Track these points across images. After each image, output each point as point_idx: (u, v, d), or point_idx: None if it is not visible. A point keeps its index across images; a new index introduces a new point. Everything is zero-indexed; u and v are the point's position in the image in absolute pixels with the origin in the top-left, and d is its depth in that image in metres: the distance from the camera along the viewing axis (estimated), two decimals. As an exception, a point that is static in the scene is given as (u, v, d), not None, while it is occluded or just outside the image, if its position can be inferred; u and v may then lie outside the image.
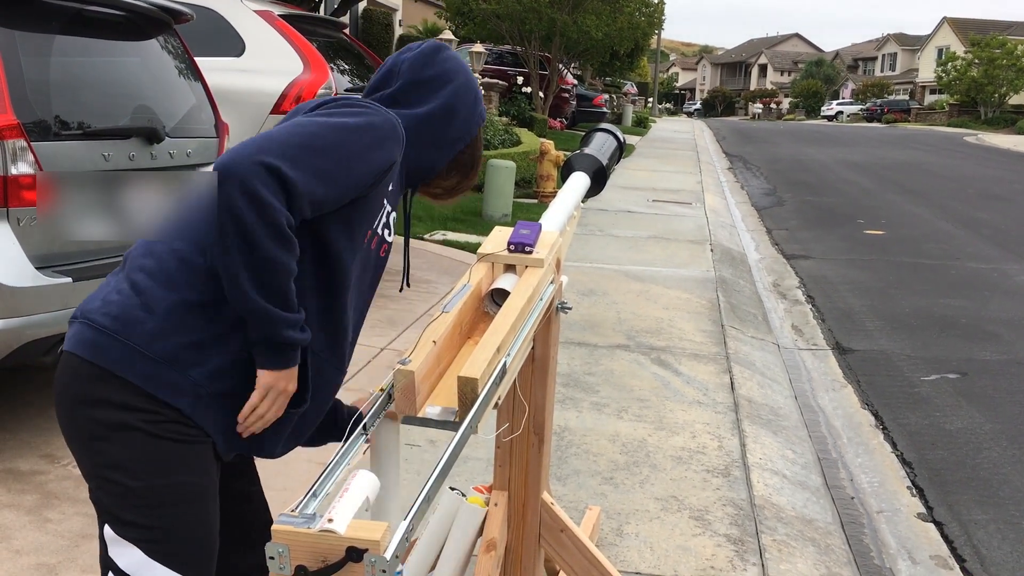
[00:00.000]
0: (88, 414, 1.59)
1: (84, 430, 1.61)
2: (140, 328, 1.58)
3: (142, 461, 1.59)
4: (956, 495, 4.00)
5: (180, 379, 1.58)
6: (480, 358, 1.69)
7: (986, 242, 10.61)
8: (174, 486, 1.61)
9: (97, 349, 1.58)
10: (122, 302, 1.61)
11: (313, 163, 1.57)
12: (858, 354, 6.01)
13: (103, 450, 1.59)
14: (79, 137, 3.51)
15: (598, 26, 20.81)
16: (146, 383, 1.57)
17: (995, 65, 50.12)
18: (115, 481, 1.59)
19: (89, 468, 1.63)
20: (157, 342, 1.58)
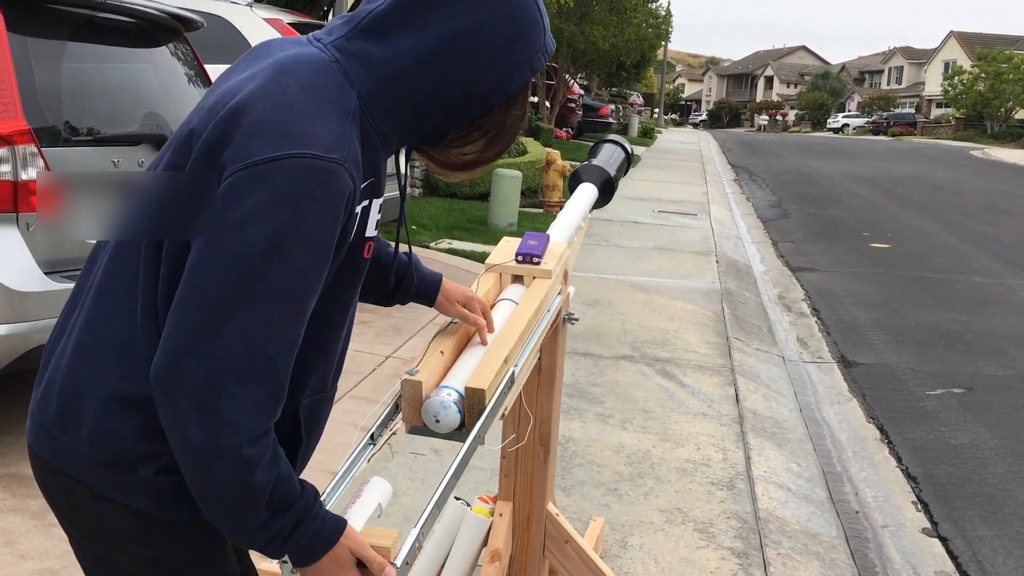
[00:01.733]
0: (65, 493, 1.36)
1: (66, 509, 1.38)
2: (78, 429, 1.30)
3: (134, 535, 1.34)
4: (961, 510, 3.98)
5: (131, 479, 1.30)
6: (488, 369, 1.70)
7: (992, 257, 10.59)
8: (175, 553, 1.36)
9: (46, 446, 1.34)
10: (60, 393, 1.32)
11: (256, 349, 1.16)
12: (863, 367, 6.00)
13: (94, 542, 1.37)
14: (89, 143, 3.53)
15: (605, 37, 20.88)
16: (101, 487, 1.30)
17: (1002, 79, 50.13)
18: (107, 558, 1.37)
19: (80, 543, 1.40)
20: (97, 444, 1.29)
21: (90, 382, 1.29)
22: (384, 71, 1.27)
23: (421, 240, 8.45)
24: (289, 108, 1.20)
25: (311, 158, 1.16)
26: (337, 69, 1.28)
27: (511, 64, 1.30)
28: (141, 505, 1.30)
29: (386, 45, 1.27)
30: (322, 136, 1.19)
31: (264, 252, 1.14)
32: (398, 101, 1.29)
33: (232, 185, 1.16)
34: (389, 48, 1.27)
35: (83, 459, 1.30)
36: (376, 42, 1.28)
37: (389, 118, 1.30)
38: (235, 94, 1.25)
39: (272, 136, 1.17)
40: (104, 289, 1.31)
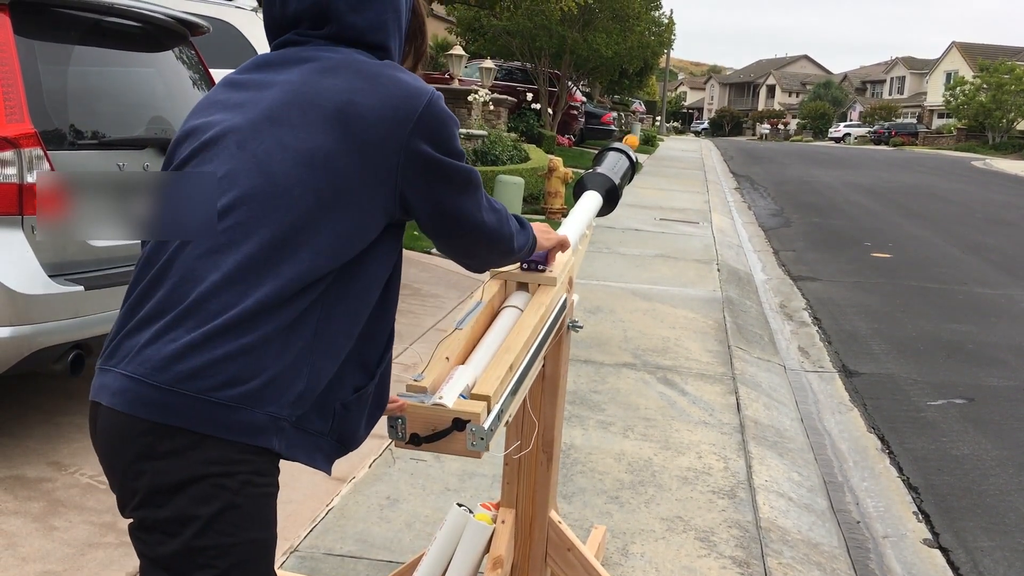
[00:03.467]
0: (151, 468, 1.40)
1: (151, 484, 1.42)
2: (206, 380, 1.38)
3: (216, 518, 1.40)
4: (962, 521, 3.98)
5: (259, 417, 1.39)
6: (493, 376, 1.70)
7: (993, 267, 10.60)
8: (246, 543, 1.43)
9: (154, 409, 1.38)
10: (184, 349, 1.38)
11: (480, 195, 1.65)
12: (864, 377, 6.00)
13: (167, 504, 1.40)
14: (94, 147, 3.54)
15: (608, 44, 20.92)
16: (225, 433, 1.38)
17: (1003, 90, 50.19)
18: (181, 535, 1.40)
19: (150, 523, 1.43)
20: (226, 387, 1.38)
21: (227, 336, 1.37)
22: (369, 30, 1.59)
23: (423, 246, 8.45)
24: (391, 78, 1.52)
25: (434, 95, 1.53)
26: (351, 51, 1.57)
27: None
28: (266, 443, 1.40)
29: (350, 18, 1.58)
30: (416, 80, 1.55)
31: (461, 160, 1.55)
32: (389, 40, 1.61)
33: (426, 137, 1.50)
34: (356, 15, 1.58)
35: (210, 408, 1.36)
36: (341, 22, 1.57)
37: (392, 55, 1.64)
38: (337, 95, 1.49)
39: (411, 98, 1.50)
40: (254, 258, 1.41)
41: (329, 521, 3.19)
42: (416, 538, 3.09)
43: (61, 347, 3.32)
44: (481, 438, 1.60)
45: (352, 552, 2.99)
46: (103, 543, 2.92)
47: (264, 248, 1.41)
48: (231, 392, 1.37)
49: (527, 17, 19.72)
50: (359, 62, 1.53)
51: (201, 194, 1.44)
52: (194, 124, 1.54)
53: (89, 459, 3.49)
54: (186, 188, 1.46)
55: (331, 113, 1.46)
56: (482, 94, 13.62)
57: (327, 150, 1.44)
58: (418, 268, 7.56)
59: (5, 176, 3.18)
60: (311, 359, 1.44)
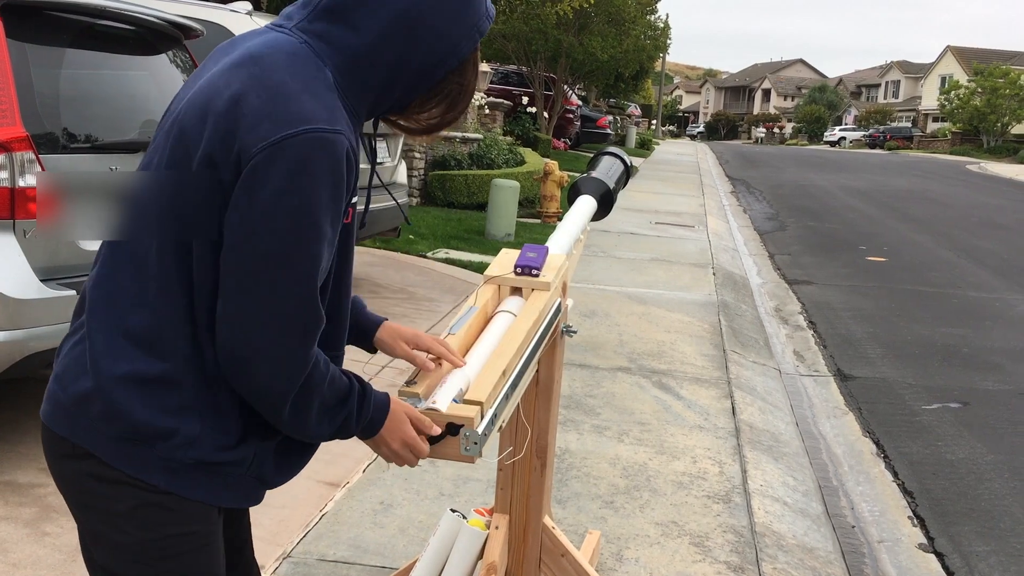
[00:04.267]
0: (73, 475, 1.44)
1: (74, 490, 1.46)
2: (94, 405, 1.39)
3: (138, 517, 1.42)
4: (957, 526, 3.98)
5: (148, 454, 1.38)
6: (486, 381, 1.69)
7: (988, 271, 10.61)
8: (173, 538, 1.43)
9: (62, 424, 1.42)
10: (78, 371, 1.41)
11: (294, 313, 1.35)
12: (859, 381, 6.00)
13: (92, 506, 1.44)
14: (87, 150, 3.53)
15: (604, 48, 20.94)
16: (115, 462, 1.39)
17: (998, 94, 50.33)
18: (107, 538, 1.44)
19: (83, 523, 1.48)
20: (114, 419, 1.38)
21: (108, 360, 1.38)
22: (351, 49, 1.39)
23: (418, 250, 8.45)
24: (280, 90, 1.32)
25: (317, 132, 1.30)
26: (308, 50, 1.39)
27: (462, 31, 1.43)
28: (156, 481, 1.39)
29: (348, 24, 1.39)
30: (318, 111, 1.32)
31: (293, 220, 1.30)
32: (366, 76, 1.41)
33: (253, 168, 1.30)
34: (351, 27, 1.38)
35: (100, 435, 1.38)
36: (337, 22, 1.39)
37: (358, 92, 1.42)
38: (220, 90, 1.35)
39: (275, 119, 1.30)
40: (111, 278, 1.41)
41: (322, 526, 3.18)
42: (410, 544, 3.08)
43: (53, 351, 3.30)
44: (475, 443, 1.58)
45: (345, 558, 2.98)
46: (95, 549, 2.90)
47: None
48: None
49: (523, 21, 19.73)
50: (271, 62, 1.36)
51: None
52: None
53: (81, 464, 3.47)
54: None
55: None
56: (478, 98, 13.63)
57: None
58: (414, 272, 7.55)
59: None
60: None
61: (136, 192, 1.41)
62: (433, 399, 1.61)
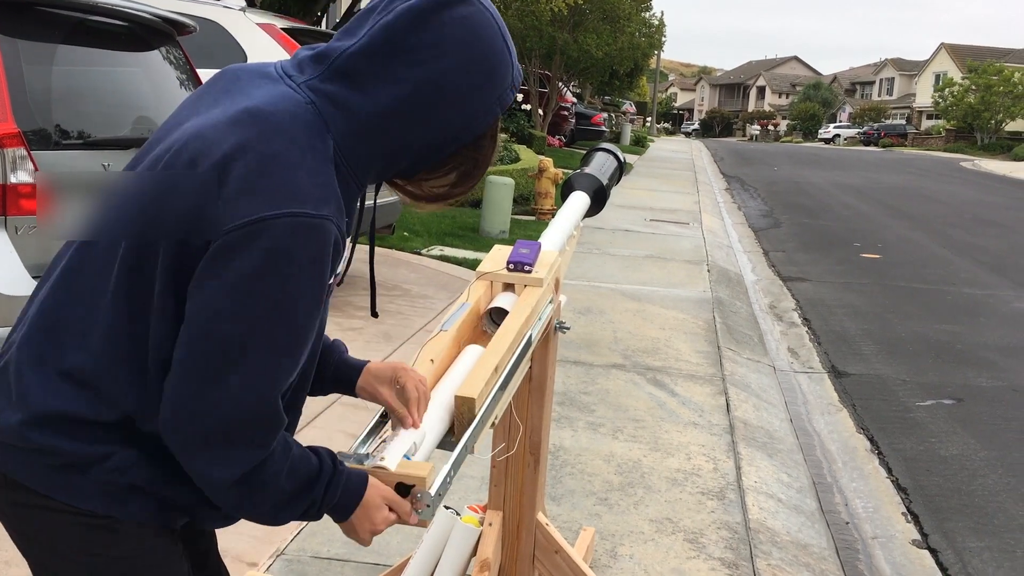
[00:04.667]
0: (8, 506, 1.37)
1: (11, 521, 1.39)
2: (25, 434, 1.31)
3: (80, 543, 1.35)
4: (951, 522, 3.98)
5: (81, 481, 1.30)
6: (478, 377, 1.69)
7: (982, 268, 10.63)
8: (122, 560, 1.36)
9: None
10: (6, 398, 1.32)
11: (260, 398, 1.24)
12: (854, 378, 6.01)
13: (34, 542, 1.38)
14: (79, 147, 3.51)
15: (598, 45, 20.94)
16: (48, 491, 1.31)
17: (992, 92, 50.45)
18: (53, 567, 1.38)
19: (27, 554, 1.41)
20: (46, 449, 1.30)
21: (39, 396, 1.28)
22: (360, 118, 1.28)
23: (412, 247, 8.44)
24: (274, 161, 1.21)
25: (303, 217, 1.19)
26: (314, 112, 1.27)
27: (482, 105, 1.32)
28: (90, 506, 1.30)
29: (361, 91, 1.28)
30: (310, 190, 1.21)
31: (264, 309, 1.19)
32: (373, 147, 1.30)
33: (227, 245, 1.18)
34: (365, 94, 1.28)
35: (30, 465, 1.30)
36: (351, 86, 1.28)
37: (363, 162, 1.31)
38: (211, 142, 1.23)
39: (262, 195, 1.19)
40: (56, 309, 1.31)
41: (316, 524, 3.17)
42: (404, 541, 3.07)
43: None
44: (428, 505, 1.40)
45: (339, 555, 2.97)
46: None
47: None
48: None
49: (517, 18, 19.73)
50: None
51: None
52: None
53: (74, 462, 3.46)
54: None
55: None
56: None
57: None
58: (407, 269, 7.54)
59: (-12, 176, 3.15)
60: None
61: (121, 188, 1.33)
62: (382, 455, 1.42)
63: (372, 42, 1.27)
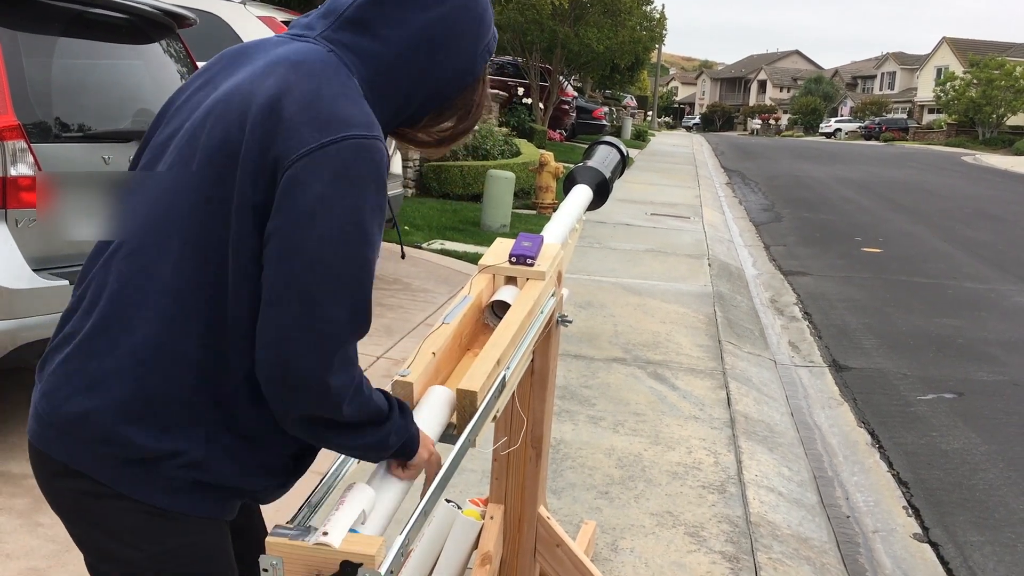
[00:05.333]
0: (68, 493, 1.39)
1: (70, 508, 1.41)
2: (95, 428, 1.34)
3: (143, 532, 1.38)
4: (952, 516, 3.98)
5: (151, 475, 1.35)
6: (479, 371, 1.68)
7: (983, 262, 10.62)
8: (182, 548, 1.40)
9: (53, 444, 1.36)
10: (75, 392, 1.34)
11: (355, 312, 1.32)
12: (855, 372, 6.00)
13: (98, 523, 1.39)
14: (79, 139, 3.50)
15: (599, 39, 20.89)
16: (113, 483, 1.34)
17: (993, 86, 50.32)
18: (114, 554, 1.40)
19: (85, 541, 1.43)
20: (116, 443, 1.33)
21: (109, 381, 1.32)
22: (377, 60, 1.39)
23: (414, 241, 8.43)
24: (318, 95, 1.31)
25: (359, 138, 1.30)
26: (337, 59, 1.38)
27: (477, 47, 1.47)
28: (157, 502, 1.35)
29: (373, 36, 1.39)
30: (358, 116, 1.32)
31: (341, 229, 1.27)
32: (389, 87, 1.41)
33: (294, 176, 1.27)
34: (377, 38, 1.39)
35: (99, 457, 1.33)
36: (362, 33, 1.39)
37: (383, 102, 1.41)
38: (253, 90, 1.32)
39: (315, 124, 1.28)
40: (122, 291, 1.34)
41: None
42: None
43: (46, 342, 3.28)
44: None
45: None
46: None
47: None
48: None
49: (518, 11, 19.68)
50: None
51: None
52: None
53: (75, 455, 3.46)
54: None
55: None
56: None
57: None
58: (408, 263, 7.53)
59: (-12, 169, 3.14)
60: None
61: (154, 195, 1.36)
62: (325, 527, 1.28)
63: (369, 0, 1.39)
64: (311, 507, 1.42)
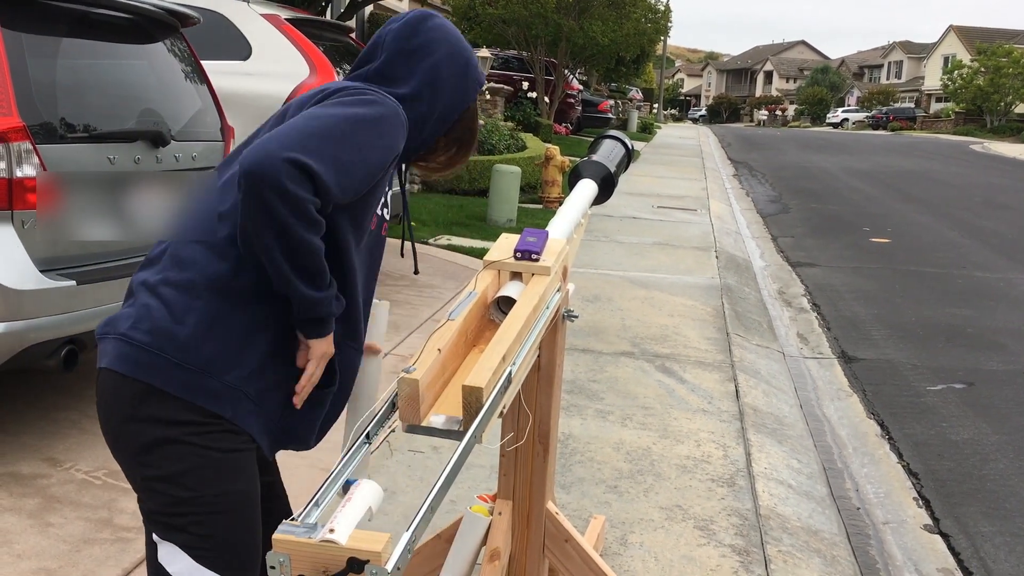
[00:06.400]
0: (135, 430, 1.63)
1: (132, 446, 1.64)
2: (173, 341, 1.61)
3: (191, 473, 1.62)
4: (963, 507, 3.97)
5: (218, 385, 1.62)
6: (485, 367, 1.68)
7: (992, 251, 10.57)
8: (223, 495, 1.65)
9: (135, 364, 1.61)
10: (152, 316, 1.63)
11: (334, 155, 1.58)
12: (864, 363, 5.99)
13: (152, 463, 1.63)
14: (84, 140, 3.51)
15: (604, 32, 20.82)
16: (186, 393, 1.60)
17: (1001, 74, 50.03)
18: (165, 492, 1.63)
19: (138, 480, 1.67)
20: (191, 352, 1.61)
21: (182, 299, 1.62)
22: (397, 98, 1.77)
23: (420, 236, 8.43)
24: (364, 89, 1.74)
25: (394, 101, 1.73)
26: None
27: (467, 84, 1.88)
28: (224, 412, 1.62)
29: (396, 81, 1.81)
30: (394, 103, 1.74)
31: (358, 119, 1.64)
32: (417, 121, 1.81)
33: (339, 93, 1.71)
34: (398, 82, 1.81)
35: (173, 368, 1.60)
36: (389, 80, 1.81)
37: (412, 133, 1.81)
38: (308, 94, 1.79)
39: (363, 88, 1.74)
40: (185, 227, 1.70)
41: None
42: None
43: (54, 342, 3.30)
44: None
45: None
46: (98, 539, 2.90)
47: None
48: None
49: (523, 5, 19.64)
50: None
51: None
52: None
53: (84, 455, 3.47)
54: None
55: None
56: (478, 83, 13.55)
57: None
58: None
59: (-6, 171, 3.14)
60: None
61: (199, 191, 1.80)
62: (331, 525, 1.29)
63: (390, 53, 1.83)
64: (317, 504, 1.42)
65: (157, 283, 1.66)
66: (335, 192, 1.58)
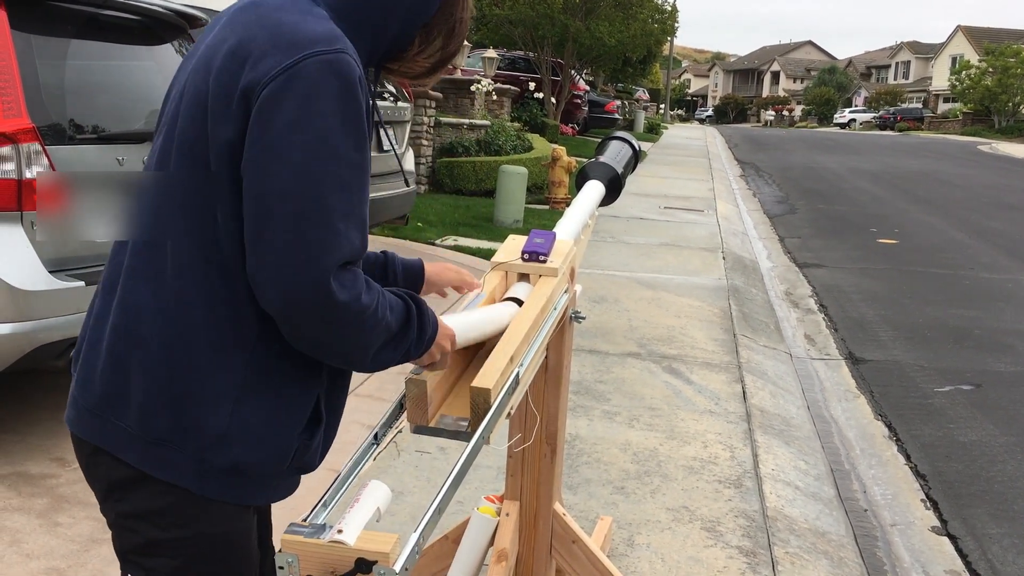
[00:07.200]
0: (105, 461, 1.43)
1: (103, 479, 1.45)
2: (126, 407, 1.39)
3: (169, 511, 1.41)
4: (970, 508, 3.96)
5: (177, 456, 1.37)
6: (493, 368, 1.68)
7: (1000, 252, 10.54)
8: (204, 536, 1.43)
9: (87, 429, 1.42)
10: (104, 376, 1.40)
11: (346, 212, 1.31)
12: (871, 364, 5.97)
13: (126, 498, 1.43)
14: (93, 141, 3.52)
15: (611, 32, 20.83)
16: (141, 464, 1.38)
17: (1009, 74, 49.88)
18: (136, 531, 1.43)
19: (111, 516, 1.46)
20: (147, 420, 1.37)
21: (134, 361, 1.37)
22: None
23: (427, 237, 8.43)
24: (278, 24, 1.32)
25: (319, 54, 1.28)
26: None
27: None
28: (184, 483, 1.38)
29: None
30: (317, 32, 1.31)
31: (315, 149, 1.26)
32: (359, 13, 1.40)
33: (261, 105, 1.27)
34: None
35: (129, 438, 1.37)
36: None
37: (357, 31, 1.40)
38: (218, 46, 1.35)
39: (277, 51, 1.29)
40: (135, 269, 1.40)
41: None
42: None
43: (62, 343, 3.31)
44: None
45: (357, 545, 2.98)
46: (107, 539, 2.90)
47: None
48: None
49: (529, 6, 19.65)
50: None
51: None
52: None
53: (93, 455, 3.48)
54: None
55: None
56: (485, 84, 13.58)
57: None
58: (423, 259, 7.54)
59: (4, 172, 3.16)
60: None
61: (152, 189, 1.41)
62: (339, 525, 1.29)
63: None
64: (325, 505, 1.43)
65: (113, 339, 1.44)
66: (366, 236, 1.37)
